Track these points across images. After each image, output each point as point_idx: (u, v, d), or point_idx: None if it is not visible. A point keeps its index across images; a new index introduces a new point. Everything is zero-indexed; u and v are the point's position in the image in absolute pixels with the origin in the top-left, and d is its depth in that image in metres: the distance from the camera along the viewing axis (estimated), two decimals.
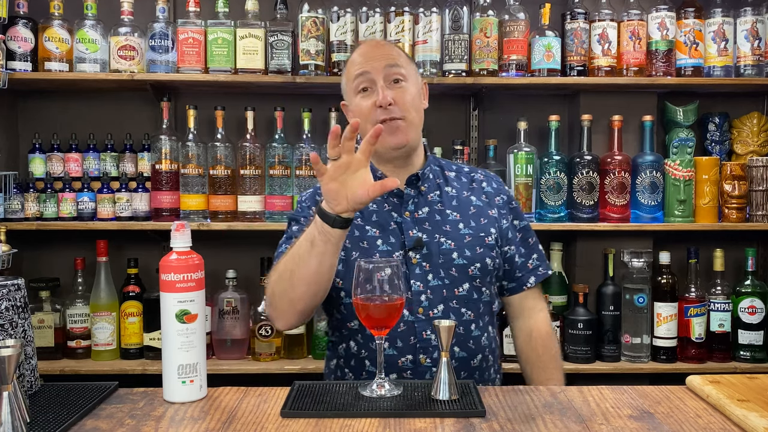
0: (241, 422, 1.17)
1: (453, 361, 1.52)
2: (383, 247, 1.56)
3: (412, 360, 1.53)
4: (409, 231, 1.57)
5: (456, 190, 1.66)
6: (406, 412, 1.18)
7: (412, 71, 1.62)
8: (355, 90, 1.59)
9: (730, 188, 2.54)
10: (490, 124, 2.77)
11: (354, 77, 1.59)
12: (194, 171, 2.47)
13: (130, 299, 2.51)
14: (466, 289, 1.57)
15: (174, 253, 1.27)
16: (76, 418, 1.16)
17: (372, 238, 1.58)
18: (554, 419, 1.17)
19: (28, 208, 2.45)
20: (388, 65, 1.57)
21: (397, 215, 1.60)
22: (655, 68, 2.55)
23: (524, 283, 1.68)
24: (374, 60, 1.57)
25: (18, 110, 2.71)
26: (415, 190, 1.62)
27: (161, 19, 2.46)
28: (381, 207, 1.61)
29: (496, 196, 1.68)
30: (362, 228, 1.59)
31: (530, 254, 1.69)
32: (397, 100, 1.55)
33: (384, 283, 1.25)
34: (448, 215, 1.61)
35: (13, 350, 1.02)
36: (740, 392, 1.24)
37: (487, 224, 1.62)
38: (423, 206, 1.61)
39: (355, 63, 1.60)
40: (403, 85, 1.58)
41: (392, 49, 1.63)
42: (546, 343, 1.68)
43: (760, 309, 2.51)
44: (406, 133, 1.57)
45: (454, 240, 1.58)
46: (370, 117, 1.55)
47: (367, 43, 1.69)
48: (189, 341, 1.26)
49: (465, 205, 1.64)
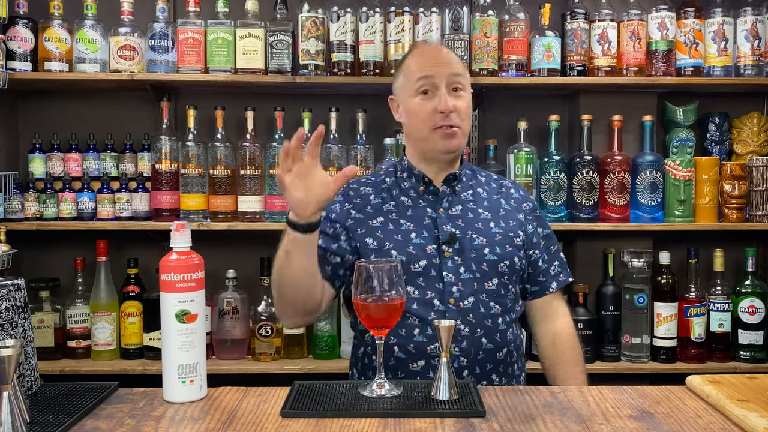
0: (241, 422, 1.17)
1: (480, 352, 1.59)
2: (417, 240, 1.63)
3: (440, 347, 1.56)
4: (443, 226, 1.64)
5: (487, 192, 1.75)
6: (406, 412, 1.18)
7: (468, 81, 1.70)
8: (416, 91, 1.64)
9: (730, 188, 2.54)
10: (490, 124, 2.77)
11: (417, 78, 1.64)
12: (194, 171, 2.47)
13: (130, 299, 2.51)
14: (495, 284, 1.63)
15: (174, 253, 1.28)
16: (76, 418, 1.16)
17: (406, 232, 1.64)
18: (554, 419, 1.17)
19: (28, 208, 2.45)
20: (452, 73, 1.64)
21: (432, 211, 1.67)
22: (655, 68, 2.55)
23: (547, 287, 1.74)
24: (440, 65, 1.64)
25: (18, 110, 2.71)
26: (450, 188, 1.70)
27: (161, 19, 2.46)
28: (416, 203, 1.69)
29: (523, 202, 1.76)
30: (397, 222, 1.66)
31: (553, 261, 1.76)
32: (457, 109, 1.62)
33: (384, 283, 1.25)
34: (480, 213, 1.69)
35: (13, 350, 1.02)
36: (740, 392, 1.25)
37: (516, 226, 1.70)
38: (457, 204, 1.69)
39: (418, 64, 1.66)
40: (462, 94, 1.65)
41: (455, 58, 1.70)
42: (572, 344, 1.74)
43: (760, 309, 2.51)
44: (459, 141, 1.65)
45: (486, 236, 1.65)
46: (428, 120, 1.63)
47: (431, 47, 1.78)
48: (189, 341, 1.26)
49: (496, 206, 1.72)
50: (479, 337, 1.59)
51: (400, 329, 1.59)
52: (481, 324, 1.60)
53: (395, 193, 1.71)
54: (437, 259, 1.61)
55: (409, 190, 1.71)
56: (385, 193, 1.71)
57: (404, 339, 1.59)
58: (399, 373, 1.59)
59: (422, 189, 1.69)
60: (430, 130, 1.63)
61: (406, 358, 1.59)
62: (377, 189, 1.72)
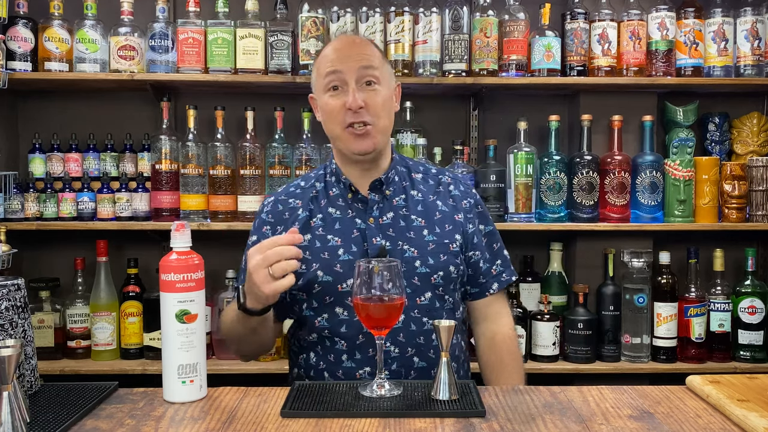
0: (241, 422, 1.17)
1: (412, 372, 1.50)
2: (345, 257, 1.52)
3: (371, 372, 1.49)
4: (373, 238, 1.53)
5: (422, 193, 1.61)
6: (406, 412, 1.18)
7: (386, 73, 1.57)
8: (325, 87, 1.54)
9: (730, 188, 2.54)
10: (490, 124, 2.77)
11: (325, 74, 1.53)
12: (194, 171, 2.47)
13: (130, 299, 2.51)
14: (428, 298, 1.53)
15: (174, 253, 1.27)
16: (76, 418, 1.16)
17: (333, 248, 1.53)
18: (554, 419, 1.17)
19: (28, 208, 2.45)
20: (362, 66, 1.51)
21: (361, 221, 1.56)
22: (655, 68, 2.55)
23: (487, 288, 1.64)
24: (348, 59, 1.52)
25: (18, 110, 2.71)
26: (380, 194, 1.58)
27: (161, 19, 2.46)
28: (345, 213, 1.57)
29: (462, 199, 1.63)
30: (323, 238, 1.55)
31: (495, 260, 1.64)
32: (369, 104, 1.50)
33: (384, 283, 1.25)
34: (413, 221, 1.56)
35: (13, 350, 1.02)
36: (740, 392, 1.24)
37: (452, 230, 1.58)
38: (388, 211, 1.57)
39: (327, 59, 1.54)
40: (376, 88, 1.53)
41: (367, 48, 1.56)
42: (510, 348, 1.63)
43: (760, 309, 2.51)
44: (374, 140, 1.53)
45: (418, 247, 1.53)
46: (338, 118, 1.52)
47: (342, 39, 1.62)
48: (189, 341, 1.26)
49: (431, 211, 1.59)
50: (410, 356, 1.50)
51: (329, 354, 1.51)
52: (412, 343, 1.50)
53: (323, 204, 1.59)
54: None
55: (337, 199, 1.59)
56: (313, 204, 1.60)
57: (333, 365, 1.51)
58: None
59: (350, 197, 1.58)
60: (342, 128, 1.52)
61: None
62: (306, 200, 1.61)
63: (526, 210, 2.51)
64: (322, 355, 1.54)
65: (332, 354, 1.52)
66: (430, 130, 2.65)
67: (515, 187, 2.51)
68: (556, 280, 2.62)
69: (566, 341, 2.51)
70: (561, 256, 2.65)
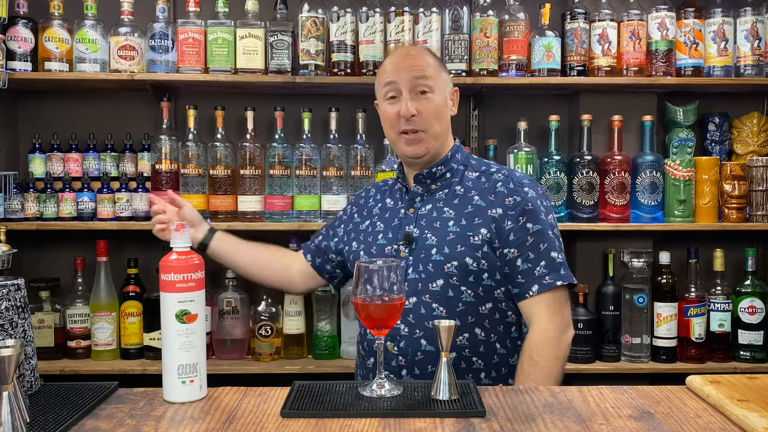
0: (241, 422, 1.17)
1: (419, 353, 1.61)
2: (381, 241, 1.72)
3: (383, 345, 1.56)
4: (407, 226, 1.68)
5: (465, 189, 1.69)
6: (406, 412, 1.18)
7: (440, 81, 1.69)
8: (384, 96, 1.70)
9: (730, 188, 2.54)
10: (490, 124, 2.77)
11: (383, 84, 1.70)
12: (194, 171, 2.47)
13: (130, 299, 2.51)
14: (440, 285, 1.61)
15: (174, 253, 1.28)
16: (76, 418, 1.16)
17: (376, 233, 1.74)
18: (554, 419, 1.17)
19: (28, 208, 2.45)
20: (415, 77, 1.65)
21: (404, 211, 1.73)
22: (655, 68, 2.55)
23: (527, 290, 1.60)
24: (403, 71, 1.66)
25: (18, 110, 2.71)
26: (424, 187, 1.72)
27: (161, 19, 2.46)
28: (396, 204, 1.77)
29: (508, 197, 1.63)
30: (374, 224, 1.76)
31: (539, 261, 1.59)
32: (421, 112, 1.64)
33: (384, 283, 1.25)
34: (445, 212, 1.67)
35: (13, 350, 1.02)
36: (740, 392, 1.24)
37: (480, 224, 1.61)
38: (428, 203, 1.70)
39: (386, 71, 1.71)
40: (429, 96, 1.66)
41: (422, 59, 1.69)
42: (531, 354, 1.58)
43: (760, 309, 2.51)
44: (426, 144, 1.67)
45: (438, 236, 1.64)
46: (393, 124, 1.68)
47: (399, 51, 1.78)
48: (189, 341, 1.26)
49: (464, 204, 1.66)
50: (418, 338, 1.61)
51: (362, 328, 1.71)
52: (421, 325, 1.61)
53: (386, 196, 1.82)
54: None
55: (396, 192, 1.80)
56: (380, 195, 1.84)
57: (362, 337, 1.72)
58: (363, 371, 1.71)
59: (404, 191, 1.76)
60: (397, 134, 1.68)
61: (365, 355, 1.72)
62: (377, 192, 1.86)
63: None
64: (359, 330, 1.77)
65: (363, 328, 1.70)
66: None
67: None
68: None
69: None
70: None
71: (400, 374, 1.62)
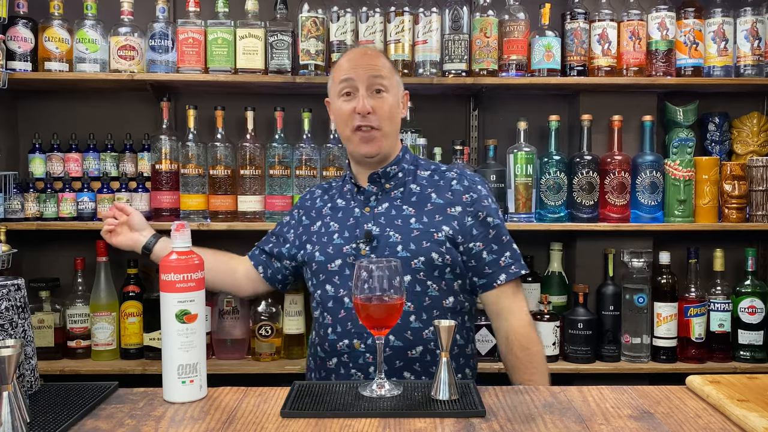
0: (241, 422, 1.17)
1: (387, 348, 1.61)
2: (338, 241, 1.73)
3: (348, 344, 1.65)
4: (365, 225, 1.71)
5: (421, 187, 1.75)
6: (406, 412, 1.18)
7: (394, 82, 1.74)
8: (338, 93, 1.72)
9: (730, 188, 2.54)
10: (490, 124, 2.77)
11: (339, 81, 1.71)
12: (194, 171, 2.47)
13: (130, 299, 2.50)
14: (407, 281, 1.65)
15: (174, 253, 1.28)
16: (76, 418, 1.16)
17: (331, 233, 1.75)
18: (554, 419, 1.17)
19: (28, 208, 2.45)
20: (372, 75, 1.69)
21: (359, 211, 1.75)
22: (655, 68, 2.55)
23: (495, 279, 1.69)
24: (360, 68, 1.70)
25: (18, 110, 2.71)
26: (378, 187, 1.75)
27: (161, 19, 2.46)
28: (348, 204, 1.78)
29: (464, 194, 1.73)
30: (327, 224, 1.78)
31: (503, 252, 1.71)
32: (376, 110, 1.68)
33: (384, 283, 1.25)
34: (404, 210, 1.72)
35: (13, 350, 1.02)
36: (740, 392, 1.25)
37: (442, 221, 1.69)
38: (384, 202, 1.74)
39: (342, 68, 1.73)
40: (384, 95, 1.70)
41: (378, 60, 1.74)
42: (522, 343, 1.68)
43: (760, 309, 2.51)
44: (379, 144, 1.70)
45: (402, 233, 1.67)
46: (348, 121, 1.70)
47: (357, 50, 1.81)
48: (189, 341, 1.26)
49: (423, 202, 1.73)
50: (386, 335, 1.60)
51: (321, 329, 1.71)
52: None
53: (336, 196, 1.83)
54: (352, 258, 1.68)
55: (346, 193, 1.82)
56: (327, 195, 1.86)
57: (322, 339, 1.71)
58: (321, 372, 1.70)
59: (355, 191, 1.78)
60: (351, 131, 1.70)
61: (324, 357, 1.69)
62: (324, 193, 1.88)
63: (526, 210, 2.51)
64: (317, 331, 1.75)
65: (323, 329, 1.71)
66: (430, 130, 2.65)
67: (515, 187, 2.51)
68: (556, 280, 2.62)
69: (566, 341, 2.51)
70: (561, 256, 2.65)
71: (367, 372, 1.63)
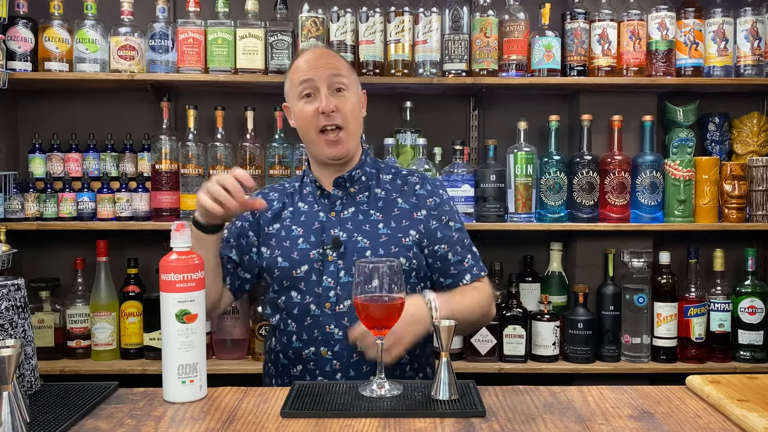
0: (241, 422, 1.17)
1: (354, 354, 1.58)
2: (302, 245, 1.66)
3: (315, 352, 1.60)
4: (331, 230, 1.65)
5: (386, 192, 1.73)
6: (406, 412, 1.18)
7: (353, 81, 1.71)
8: (298, 95, 1.66)
9: (730, 188, 2.54)
10: (490, 124, 2.77)
11: (298, 83, 1.66)
12: (194, 171, 2.47)
13: (130, 299, 2.51)
14: None
15: (174, 253, 1.28)
16: (76, 418, 1.16)
17: (294, 238, 1.68)
18: (554, 419, 1.17)
19: (28, 208, 2.45)
20: (332, 74, 1.65)
21: (324, 215, 1.68)
22: (655, 68, 2.55)
23: (460, 279, 1.69)
24: (319, 68, 1.65)
25: (18, 110, 2.71)
26: (344, 191, 1.70)
27: (161, 19, 2.46)
28: (311, 208, 1.71)
29: (428, 198, 1.72)
30: (288, 228, 1.70)
31: (466, 254, 1.71)
32: (340, 108, 1.63)
33: (384, 283, 1.25)
34: (371, 215, 1.68)
35: (13, 350, 1.02)
36: (740, 392, 1.25)
37: (409, 226, 1.67)
38: (350, 207, 1.69)
39: (299, 69, 1.67)
40: (345, 94, 1.66)
41: (336, 59, 1.71)
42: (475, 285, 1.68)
43: (760, 309, 2.51)
44: (347, 145, 1.66)
45: (370, 239, 1.64)
46: (312, 122, 1.64)
47: (312, 50, 1.74)
48: (189, 341, 1.26)
49: (389, 207, 1.70)
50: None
51: (284, 336, 1.64)
52: None
53: (296, 200, 1.74)
54: (319, 264, 1.63)
55: (308, 196, 1.74)
56: (287, 198, 1.75)
57: (285, 346, 1.64)
58: (285, 379, 1.66)
59: (318, 194, 1.72)
60: (316, 132, 1.65)
61: (288, 364, 1.64)
62: (283, 194, 1.77)
63: (526, 210, 2.51)
64: (279, 338, 1.67)
65: (285, 336, 1.64)
66: (430, 130, 2.65)
67: (515, 187, 2.51)
68: (556, 280, 2.62)
69: (566, 341, 2.51)
70: (561, 256, 2.65)
71: (334, 378, 1.60)
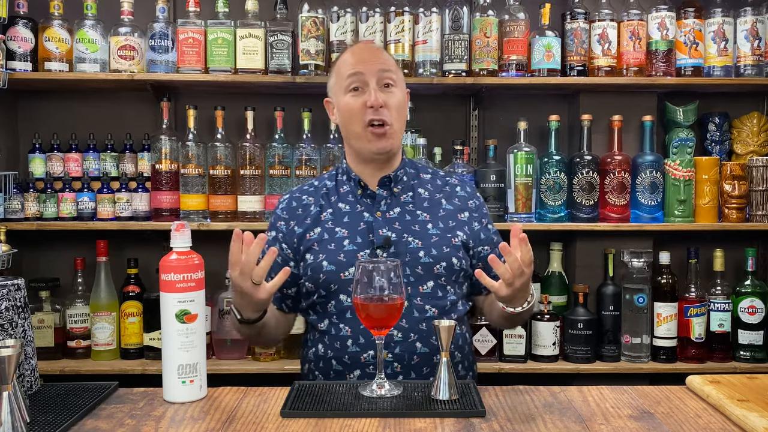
0: (241, 422, 1.17)
1: (414, 356, 1.57)
2: (349, 247, 1.61)
3: (374, 356, 1.56)
4: (379, 230, 1.62)
5: (429, 192, 1.72)
6: (406, 412, 1.18)
7: (400, 78, 1.68)
8: (346, 88, 1.64)
9: (730, 188, 2.54)
10: (490, 124, 2.77)
11: (346, 76, 1.63)
12: (194, 171, 2.47)
13: (130, 299, 2.51)
14: (430, 287, 1.61)
15: (174, 253, 1.28)
16: (76, 418, 1.16)
17: (339, 240, 1.63)
18: (554, 419, 1.17)
19: (28, 208, 2.45)
20: (382, 69, 1.62)
21: (369, 215, 1.65)
22: (655, 68, 2.55)
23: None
24: (368, 62, 1.63)
25: (18, 110, 2.71)
26: (388, 191, 1.68)
27: (161, 19, 2.46)
28: (354, 208, 1.67)
29: (469, 200, 1.74)
30: (332, 230, 1.64)
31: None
32: (388, 104, 1.61)
33: (384, 283, 1.25)
34: (419, 215, 1.66)
35: (13, 350, 1.02)
36: (740, 392, 1.25)
37: (455, 227, 1.67)
38: (395, 206, 1.67)
39: (348, 63, 1.65)
40: (393, 90, 1.64)
41: (385, 55, 1.70)
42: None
43: (760, 309, 2.51)
44: (392, 140, 1.63)
45: (422, 239, 1.62)
46: (359, 115, 1.61)
47: (362, 45, 1.74)
48: (189, 341, 1.26)
49: (435, 207, 1.69)
50: (413, 342, 1.56)
51: (336, 342, 1.59)
52: (415, 329, 1.57)
53: (333, 200, 1.69)
54: None
55: (347, 195, 1.69)
56: (323, 200, 1.70)
57: (339, 351, 1.59)
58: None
59: (360, 193, 1.68)
60: (362, 126, 1.61)
61: (342, 370, 1.59)
62: (317, 196, 1.71)
63: (526, 210, 2.51)
64: (329, 344, 1.61)
65: (338, 341, 1.59)
66: (430, 130, 2.65)
67: (515, 187, 2.51)
68: (556, 280, 2.62)
69: (566, 341, 2.51)
70: (561, 256, 2.65)
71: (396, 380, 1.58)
